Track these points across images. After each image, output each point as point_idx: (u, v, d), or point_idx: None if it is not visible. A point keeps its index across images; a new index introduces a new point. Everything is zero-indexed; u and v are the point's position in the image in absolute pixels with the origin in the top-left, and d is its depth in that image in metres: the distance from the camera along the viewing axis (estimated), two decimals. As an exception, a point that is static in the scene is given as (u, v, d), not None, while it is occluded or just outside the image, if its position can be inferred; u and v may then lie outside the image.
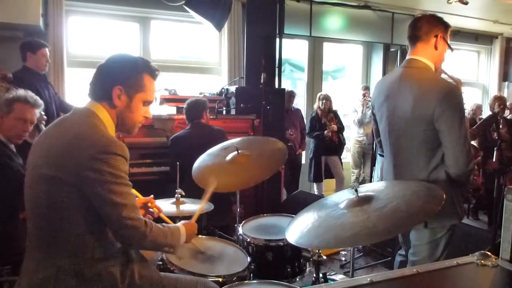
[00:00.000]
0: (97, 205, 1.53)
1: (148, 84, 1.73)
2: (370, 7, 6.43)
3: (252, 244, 2.42)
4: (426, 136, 2.15)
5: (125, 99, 1.69)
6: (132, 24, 5.59)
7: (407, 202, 1.63)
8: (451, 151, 2.11)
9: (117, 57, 1.74)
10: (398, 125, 2.27)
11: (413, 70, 2.25)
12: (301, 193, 4.82)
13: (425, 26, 2.25)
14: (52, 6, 4.67)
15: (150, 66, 1.76)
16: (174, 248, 1.75)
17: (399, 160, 2.33)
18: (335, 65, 7.68)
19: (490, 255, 1.44)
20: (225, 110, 4.84)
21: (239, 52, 5.75)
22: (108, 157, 1.51)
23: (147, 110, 1.78)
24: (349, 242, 1.63)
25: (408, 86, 2.20)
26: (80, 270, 1.55)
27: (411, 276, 1.35)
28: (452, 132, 2.08)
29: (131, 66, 1.71)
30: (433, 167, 2.18)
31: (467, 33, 7.80)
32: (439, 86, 2.13)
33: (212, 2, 4.30)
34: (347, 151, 6.84)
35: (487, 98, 8.39)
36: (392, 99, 2.30)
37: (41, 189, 1.55)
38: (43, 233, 1.57)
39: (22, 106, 2.56)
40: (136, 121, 1.75)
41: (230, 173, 2.51)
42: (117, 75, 1.68)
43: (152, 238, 1.62)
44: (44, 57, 3.94)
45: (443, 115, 2.08)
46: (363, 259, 4.15)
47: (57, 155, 1.54)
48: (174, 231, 1.76)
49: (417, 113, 2.15)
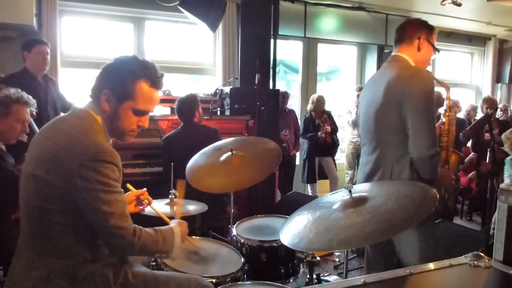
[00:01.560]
0: (85, 211, 1.52)
1: (141, 93, 1.63)
2: (365, 8, 6.46)
3: (246, 245, 2.41)
4: (396, 123, 2.21)
5: (113, 105, 1.63)
6: (126, 24, 5.57)
7: (401, 203, 1.63)
8: (414, 134, 2.16)
9: (120, 59, 1.67)
10: (372, 113, 2.34)
11: (393, 63, 2.35)
12: (295, 194, 4.82)
13: (408, 29, 2.35)
14: (45, 6, 4.64)
15: (150, 73, 1.65)
16: (167, 254, 1.74)
17: (370, 148, 2.40)
18: (329, 66, 7.70)
19: (483, 256, 1.45)
20: (220, 111, 4.84)
21: (233, 52, 5.74)
22: (97, 164, 1.48)
23: (141, 119, 1.69)
24: (343, 245, 1.63)
25: (385, 77, 2.29)
26: (72, 271, 1.54)
27: (404, 277, 1.35)
28: (417, 114, 2.14)
29: (126, 71, 1.62)
30: (398, 156, 2.23)
31: (461, 34, 7.85)
32: (411, 70, 2.24)
33: (206, 2, 4.30)
34: (341, 152, 6.85)
35: (480, 99, 8.43)
36: (371, 91, 2.40)
37: (33, 189, 1.55)
38: (35, 234, 1.56)
39: (20, 108, 2.54)
40: (125, 128, 1.67)
41: (224, 174, 2.50)
42: (109, 78, 1.63)
43: (140, 246, 1.60)
44: (40, 54, 3.79)
45: (409, 98, 2.15)
46: (356, 260, 4.16)
47: (48, 158, 1.53)
48: (167, 235, 1.74)
49: (388, 95, 2.23)
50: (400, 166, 2.23)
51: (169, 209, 2.51)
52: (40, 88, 3.81)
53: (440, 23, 7.06)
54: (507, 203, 1.41)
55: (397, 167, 2.23)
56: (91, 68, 5.24)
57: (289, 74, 7.27)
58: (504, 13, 6.45)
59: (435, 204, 1.59)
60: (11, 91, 2.53)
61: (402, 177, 2.20)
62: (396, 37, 2.39)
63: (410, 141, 2.18)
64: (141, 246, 1.60)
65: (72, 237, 1.54)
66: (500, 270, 1.39)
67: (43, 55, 3.83)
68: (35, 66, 3.81)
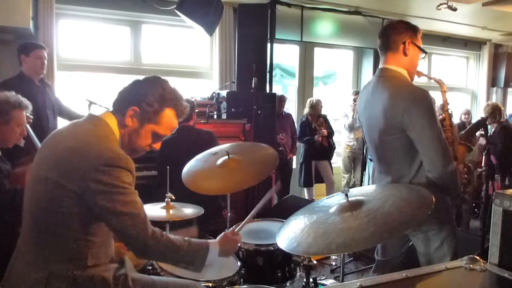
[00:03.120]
0: (99, 214, 1.52)
1: (165, 119, 1.70)
2: (361, 12, 6.48)
3: (243, 248, 2.41)
4: (401, 143, 2.17)
5: (136, 123, 1.67)
6: (123, 28, 5.56)
7: (398, 207, 1.64)
8: (426, 156, 2.12)
9: (152, 80, 1.72)
10: (374, 135, 2.30)
11: (384, 79, 2.26)
12: (292, 197, 4.82)
13: (392, 35, 2.26)
14: (42, 9, 4.63)
15: (179, 104, 1.73)
16: (194, 266, 1.70)
17: (382, 167, 2.37)
18: (326, 71, 7.72)
19: (479, 259, 1.45)
20: (216, 115, 4.84)
21: (230, 56, 5.75)
22: (111, 169, 1.50)
23: (156, 142, 1.76)
24: (342, 248, 1.63)
25: (378, 97, 2.23)
26: (72, 275, 1.54)
27: (401, 280, 1.36)
28: (424, 136, 2.10)
29: (157, 95, 1.68)
30: (414, 172, 2.20)
31: (456, 39, 7.90)
32: (405, 93, 2.13)
33: (203, 6, 4.31)
34: (338, 155, 6.87)
35: (475, 103, 8.48)
36: (367, 110, 2.34)
37: (43, 191, 1.55)
38: (39, 236, 1.56)
39: (20, 112, 2.53)
40: (139, 146, 1.73)
41: (220, 177, 2.50)
42: (139, 97, 1.67)
43: (160, 249, 1.59)
44: (39, 59, 3.79)
45: (411, 121, 2.09)
46: (353, 264, 4.16)
47: (63, 161, 1.53)
48: (195, 246, 1.71)
49: (388, 123, 2.17)
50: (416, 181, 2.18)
51: (165, 213, 2.51)
52: (38, 92, 3.80)
53: (436, 28, 7.10)
54: (502, 207, 1.42)
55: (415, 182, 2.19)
56: (87, 71, 5.24)
57: (286, 78, 7.28)
58: (499, 18, 6.49)
59: (432, 207, 1.59)
60: (8, 95, 2.52)
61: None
62: (380, 44, 2.31)
63: (425, 164, 2.13)
64: (161, 250, 1.60)
65: (77, 242, 1.54)
66: (495, 274, 1.40)
67: (41, 59, 3.82)
68: (33, 70, 3.80)
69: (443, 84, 2.50)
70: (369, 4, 6.27)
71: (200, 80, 6.08)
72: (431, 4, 5.76)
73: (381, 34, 2.32)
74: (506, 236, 1.42)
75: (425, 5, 5.97)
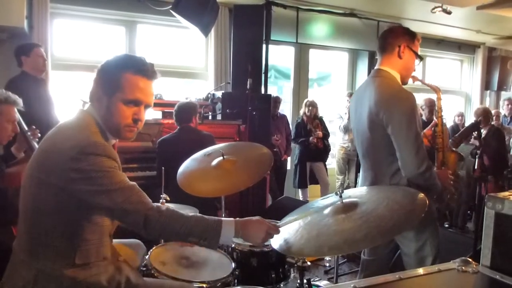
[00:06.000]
0: (92, 201, 1.51)
1: (126, 82, 1.60)
2: (356, 15, 6.50)
3: (237, 250, 2.41)
4: (385, 142, 2.23)
5: (104, 101, 1.62)
6: (118, 27, 5.56)
7: (391, 210, 1.65)
8: (400, 154, 2.18)
9: (108, 59, 1.69)
10: (360, 131, 2.39)
11: (376, 79, 2.33)
12: (286, 199, 4.82)
13: (389, 38, 2.35)
14: (36, 8, 4.62)
15: (134, 63, 1.64)
16: (206, 241, 1.58)
17: (365, 165, 2.44)
18: (320, 72, 7.73)
19: (471, 262, 1.46)
20: (211, 115, 4.84)
21: (225, 57, 5.75)
22: (88, 157, 1.48)
23: (135, 111, 1.64)
24: (335, 250, 1.64)
25: (367, 95, 2.30)
26: (60, 274, 1.52)
27: (394, 282, 1.36)
28: (400, 135, 2.16)
29: (111, 65, 1.65)
30: (393, 172, 2.26)
31: (451, 42, 7.94)
32: (391, 92, 2.22)
33: (199, 7, 4.31)
34: (332, 157, 6.88)
35: (469, 106, 8.53)
36: (358, 108, 2.41)
37: (30, 191, 1.56)
38: (29, 235, 1.56)
39: (9, 108, 2.51)
40: (120, 123, 1.62)
41: (215, 179, 2.50)
42: (99, 77, 1.66)
43: (163, 224, 1.53)
44: (40, 57, 3.90)
45: (391, 118, 2.16)
46: (347, 265, 4.17)
47: (43, 156, 1.55)
48: (207, 219, 1.60)
49: (372, 119, 2.24)
50: (395, 180, 2.25)
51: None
52: (42, 88, 3.92)
53: (431, 31, 7.13)
54: (494, 209, 1.43)
55: (394, 181, 2.25)
56: (82, 71, 5.22)
57: (281, 79, 7.29)
58: (493, 21, 6.54)
59: (425, 210, 1.60)
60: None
61: None
62: (378, 46, 2.40)
63: (399, 163, 2.19)
64: (164, 221, 1.53)
65: (63, 241, 1.53)
66: (488, 276, 1.41)
67: (42, 57, 3.93)
68: (36, 68, 3.89)
69: (439, 91, 2.55)
70: (365, 7, 6.29)
71: (195, 80, 6.08)
72: (426, 7, 5.80)
73: (380, 37, 2.43)
74: (498, 238, 1.43)
75: (420, 8, 6.00)
